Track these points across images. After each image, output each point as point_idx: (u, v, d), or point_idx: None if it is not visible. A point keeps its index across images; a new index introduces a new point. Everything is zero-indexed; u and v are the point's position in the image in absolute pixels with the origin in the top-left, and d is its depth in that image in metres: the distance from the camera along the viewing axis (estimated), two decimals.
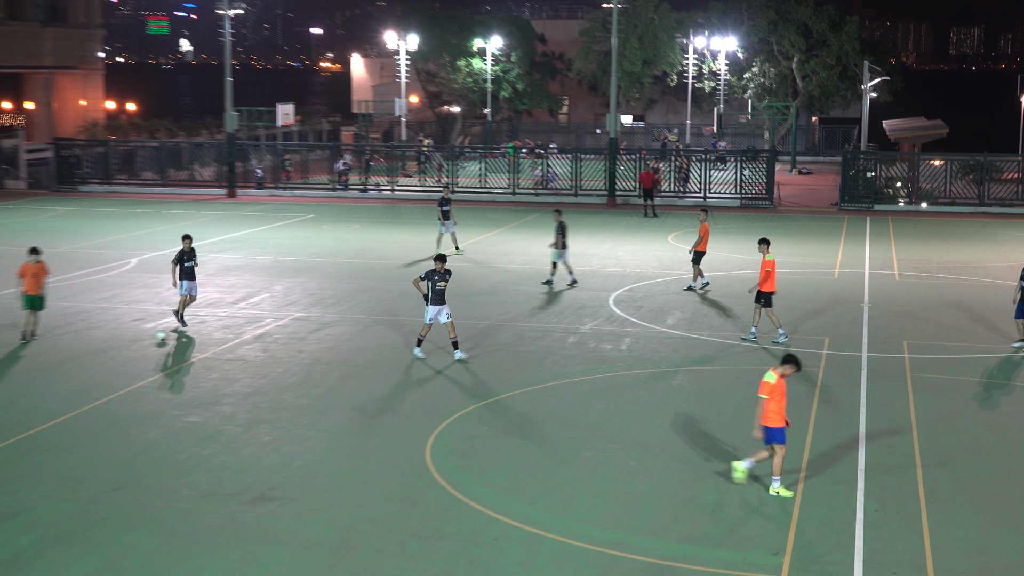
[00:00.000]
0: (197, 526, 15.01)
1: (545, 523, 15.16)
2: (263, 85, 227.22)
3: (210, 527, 14.98)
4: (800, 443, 18.44)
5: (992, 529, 15.04)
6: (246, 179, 59.39)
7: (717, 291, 31.59)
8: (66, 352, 24.27)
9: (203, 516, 15.32)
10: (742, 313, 28.66)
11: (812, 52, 77.91)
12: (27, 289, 25.12)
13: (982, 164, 52.98)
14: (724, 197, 55.56)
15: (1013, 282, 33.19)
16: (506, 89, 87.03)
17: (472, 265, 35.96)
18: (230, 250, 38.77)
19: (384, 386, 21.92)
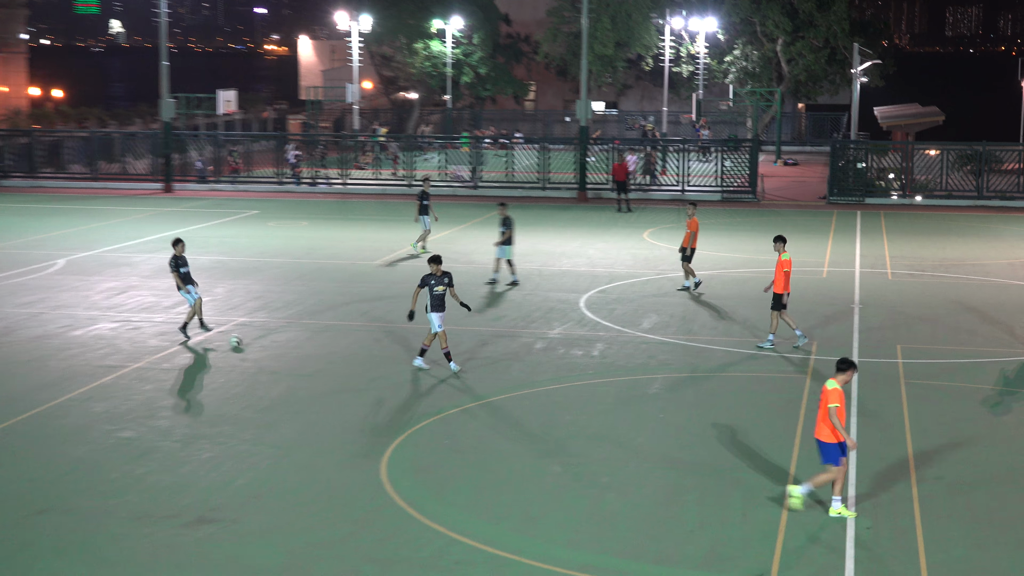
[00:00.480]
0: (131, 551, 14.91)
1: (511, 544, 15.16)
2: (202, 70, 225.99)
3: (145, 552, 14.89)
4: (786, 456, 18.53)
5: (992, 547, 15.15)
6: (184, 172, 59.10)
7: (696, 291, 31.67)
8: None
9: (137, 540, 15.22)
10: (723, 316, 28.77)
11: (798, 33, 78.27)
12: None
13: (980, 154, 53.43)
14: (704, 190, 55.76)
15: (1014, 281, 33.50)
16: (467, 74, 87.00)
17: None
18: (167, 250, 38.55)
19: (335, 397, 21.86)
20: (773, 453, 18.69)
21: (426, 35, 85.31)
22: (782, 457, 18.44)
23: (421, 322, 25.21)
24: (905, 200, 53.05)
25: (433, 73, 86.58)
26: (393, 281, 33.15)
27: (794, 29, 77.83)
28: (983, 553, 14.97)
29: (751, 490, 17.05)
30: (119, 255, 37.37)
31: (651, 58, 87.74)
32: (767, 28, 78.52)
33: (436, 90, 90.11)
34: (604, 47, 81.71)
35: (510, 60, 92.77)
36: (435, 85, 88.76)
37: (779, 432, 19.74)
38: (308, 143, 62.62)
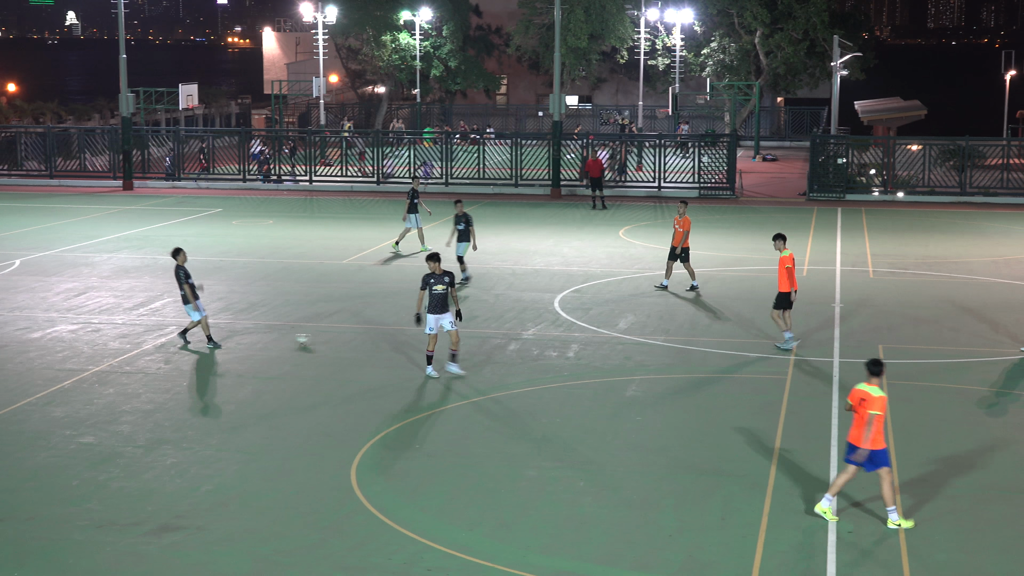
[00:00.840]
0: (93, 560, 14.92)
1: (485, 551, 15.23)
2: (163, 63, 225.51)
3: (108, 561, 14.89)
4: (766, 458, 18.66)
5: (976, 551, 15.31)
6: (145, 169, 58.91)
7: (674, 290, 31.82)
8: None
9: (100, 548, 15.23)
10: (702, 316, 28.91)
11: (776, 25, 78.58)
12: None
13: (963, 149, 53.78)
14: (681, 187, 55.94)
15: (998, 279, 33.77)
16: (437, 67, 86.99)
17: (400, 263, 35.97)
18: (127, 249, 38.50)
19: (303, 401, 21.88)
20: (752, 456, 18.82)
21: (394, 27, 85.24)
22: (761, 460, 18.57)
23: None
24: (886, 196, 53.35)
25: (401, 66, 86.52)
26: (362, 281, 33.17)
27: (772, 21, 78.12)
28: (966, 557, 15.12)
29: (730, 494, 17.18)
30: (78, 255, 37.26)
31: (626, 51, 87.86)
32: (745, 20, 78.79)
33: (405, 84, 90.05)
34: (578, 39, 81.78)
35: (481, 53, 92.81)
36: (404, 79, 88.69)
37: (759, 434, 19.88)
38: (273, 139, 62.44)
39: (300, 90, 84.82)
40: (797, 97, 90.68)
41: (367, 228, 43.72)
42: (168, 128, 68.79)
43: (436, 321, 22.72)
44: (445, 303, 22.70)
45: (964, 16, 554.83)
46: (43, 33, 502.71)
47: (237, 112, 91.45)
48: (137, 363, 24.31)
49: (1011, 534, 15.83)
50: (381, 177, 57.77)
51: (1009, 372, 24.02)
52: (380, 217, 47.31)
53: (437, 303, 22.65)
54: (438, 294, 22.61)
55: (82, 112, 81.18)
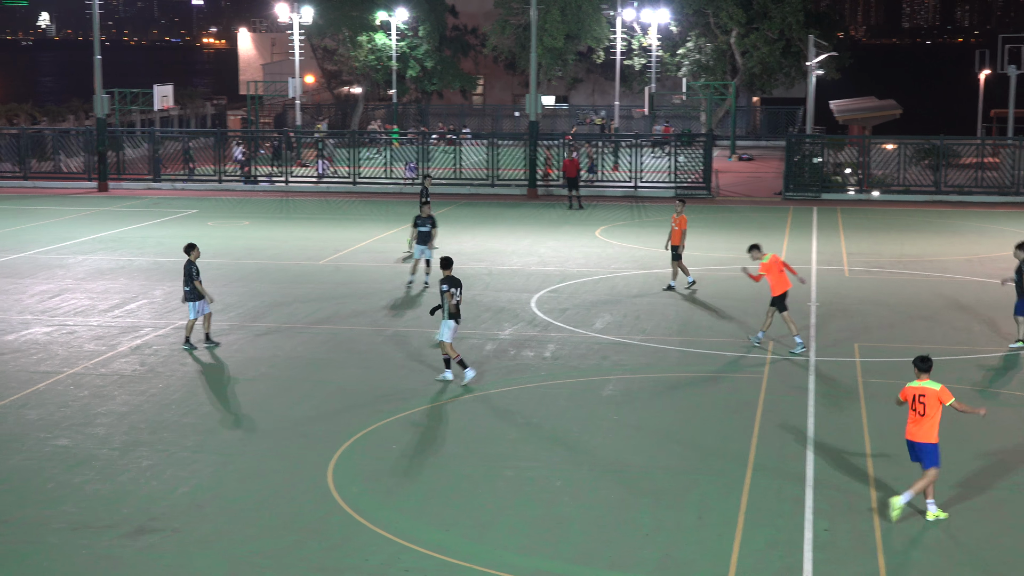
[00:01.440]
0: (69, 563, 14.86)
1: (462, 551, 15.23)
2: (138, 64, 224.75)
3: (84, 563, 14.84)
4: (742, 457, 18.71)
5: (951, 550, 15.38)
6: (120, 170, 58.71)
7: (651, 290, 31.87)
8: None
9: (75, 551, 15.17)
10: (677, 315, 28.97)
11: (752, 25, 78.78)
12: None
13: (938, 148, 54.02)
14: (657, 186, 56.03)
15: (972, 277, 33.94)
16: (413, 67, 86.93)
17: (378, 265, 35.94)
18: (102, 251, 38.36)
19: (279, 402, 21.85)
20: (729, 455, 18.87)
21: (370, 28, 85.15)
22: (738, 459, 18.62)
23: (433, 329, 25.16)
24: (862, 195, 53.54)
25: (378, 67, 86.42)
26: (338, 282, 33.13)
27: (748, 21, 78.32)
28: (942, 556, 15.19)
29: (706, 493, 17.21)
30: (52, 257, 37.10)
31: (602, 51, 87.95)
32: (720, 20, 78.97)
33: (381, 84, 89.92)
34: (554, 40, 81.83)
35: (457, 53, 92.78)
36: (380, 79, 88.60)
37: (735, 434, 19.93)
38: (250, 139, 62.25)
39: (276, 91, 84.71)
40: (773, 97, 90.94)
41: (343, 229, 43.67)
42: (143, 129, 68.53)
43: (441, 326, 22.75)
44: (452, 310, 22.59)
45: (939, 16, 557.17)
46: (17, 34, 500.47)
47: (213, 113, 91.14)
48: (112, 365, 24.23)
49: (986, 531, 15.89)
50: (318, 178, 57.95)
51: (985, 370, 24.13)
52: (356, 218, 47.25)
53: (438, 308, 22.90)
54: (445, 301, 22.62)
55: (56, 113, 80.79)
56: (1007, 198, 52.71)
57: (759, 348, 25.56)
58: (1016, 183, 53.25)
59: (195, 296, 25.17)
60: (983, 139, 61.25)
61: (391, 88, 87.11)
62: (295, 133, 67.79)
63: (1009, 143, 56.05)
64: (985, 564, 14.92)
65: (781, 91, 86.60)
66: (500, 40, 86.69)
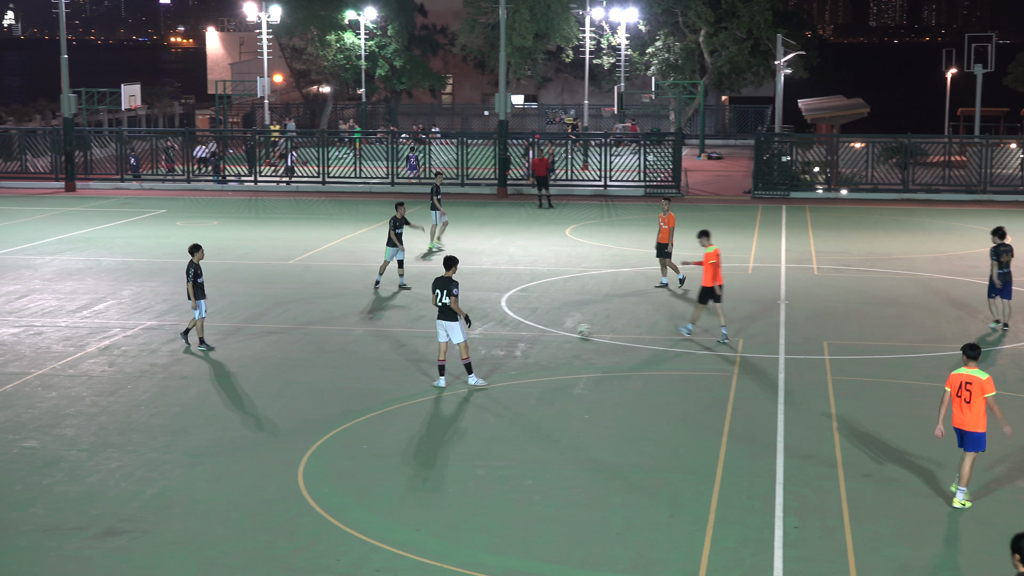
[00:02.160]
0: (38, 565, 14.79)
1: (433, 551, 15.22)
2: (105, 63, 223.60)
3: (53, 566, 14.77)
4: (713, 455, 18.77)
5: (921, 545, 15.47)
6: (87, 170, 58.42)
7: (621, 289, 31.92)
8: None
9: (45, 554, 15.10)
10: (647, 313, 29.02)
11: (721, 24, 78.96)
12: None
13: (906, 147, 54.29)
14: (627, 185, 56.11)
15: (940, 275, 34.13)
16: (382, 67, 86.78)
17: (348, 264, 35.88)
18: (70, 251, 38.16)
19: (249, 403, 21.79)
20: (700, 452, 18.93)
21: (338, 27, 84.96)
22: (708, 457, 18.68)
23: None
24: (830, 194, 53.77)
25: (346, 66, 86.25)
26: (308, 282, 33.06)
27: (716, 20, 78.49)
28: (912, 551, 15.28)
29: (677, 491, 17.26)
30: (19, 257, 36.88)
31: (571, 50, 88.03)
32: (689, 19, 79.13)
33: (350, 84, 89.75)
34: (523, 39, 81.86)
35: (426, 52, 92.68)
36: (349, 78, 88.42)
37: (706, 431, 19.99)
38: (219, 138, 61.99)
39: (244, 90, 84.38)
40: (741, 96, 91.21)
41: (313, 228, 43.56)
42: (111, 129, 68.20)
43: (442, 329, 22.27)
44: (447, 311, 22.11)
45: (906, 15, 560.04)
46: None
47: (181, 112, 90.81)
48: (81, 366, 24.11)
49: (955, 528, 16.00)
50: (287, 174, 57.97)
51: (952, 367, 24.23)
52: (326, 217, 47.16)
53: (441, 311, 22.24)
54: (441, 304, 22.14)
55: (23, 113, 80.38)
56: (974, 196, 53.02)
57: (728, 346, 25.63)
58: (983, 181, 53.59)
59: (201, 294, 25.08)
60: (950, 137, 61.56)
61: (360, 87, 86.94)
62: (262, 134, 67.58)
63: (976, 141, 56.39)
64: (952, 556, 15.01)
65: (750, 90, 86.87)
66: (469, 39, 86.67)
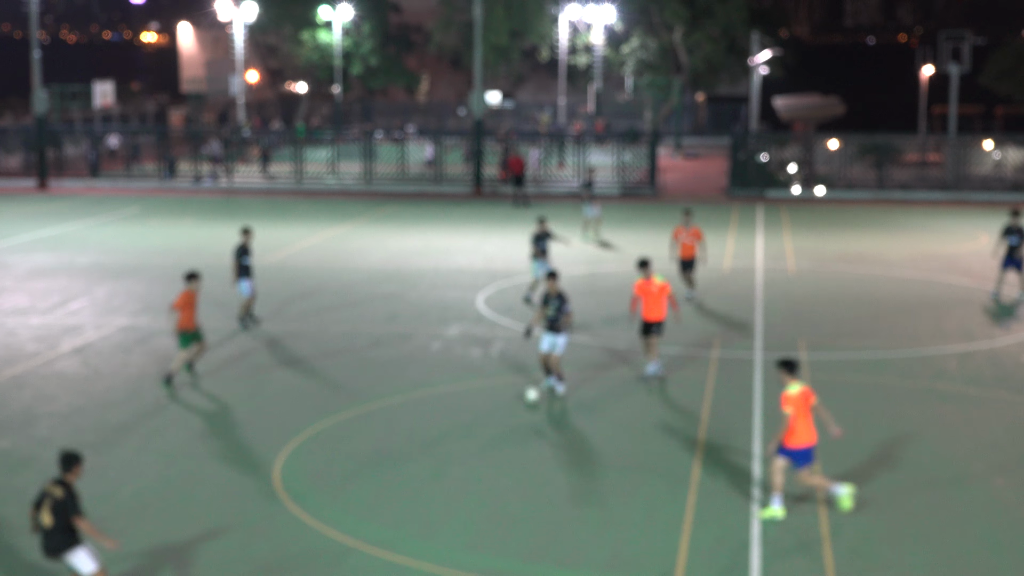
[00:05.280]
0: (10, 566, 14.72)
1: (411, 550, 15.23)
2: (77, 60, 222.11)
3: (26, 567, 14.71)
4: (688, 454, 18.82)
5: (897, 542, 15.54)
6: (60, 168, 58.21)
7: (597, 288, 31.95)
8: None
9: (17, 555, 15.04)
10: (623, 312, 29.03)
11: (696, 23, 79.14)
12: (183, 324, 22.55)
13: (881, 145, 54.51)
14: (603, 185, 56.14)
15: (916, 274, 34.30)
16: (357, 65, 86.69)
17: (323, 263, 35.83)
18: (43, 250, 38.00)
19: (225, 401, 21.74)
20: (676, 452, 18.98)
21: (313, 25, 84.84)
22: (685, 457, 18.73)
23: None
24: (806, 193, 53.94)
25: (321, 64, 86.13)
26: (283, 281, 32.99)
27: (692, 19, 78.68)
28: (889, 549, 15.35)
29: (654, 490, 17.31)
30: None
31: (547, 49, 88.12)
32: (665, 18, 79.28)
33: (325, 82, 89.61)
34: (498, 37, 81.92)
35: (401, 51, 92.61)
36: (323, 77, 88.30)
37: (682, 430, 20.04)
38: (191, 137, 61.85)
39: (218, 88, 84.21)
40: (717, 94, 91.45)
41: (288, 227, 43.49)
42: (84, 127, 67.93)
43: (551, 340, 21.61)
44: (555, 324, 21.48)
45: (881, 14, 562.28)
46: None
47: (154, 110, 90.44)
48: (54, 366, 24.01)
49: (932, 525, 16.09)
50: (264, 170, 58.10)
51: (927, 366, 24.37)
52: (300, 216, 47.08)
53: (549, 325, 21.59)
54: (549, 318, 21.50)
55: None
56: (949, 195, 53.27)
57: (705, 347, 25.69)
58: (958, 180, 53.84)
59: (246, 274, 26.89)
60: (925, 136, 61.85)
61: (335, 86, 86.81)
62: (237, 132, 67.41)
63: (951, 140, 56.67)
64: (933, 552, 15.09)
65: (725, 89, 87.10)
66: (444, 37, 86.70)
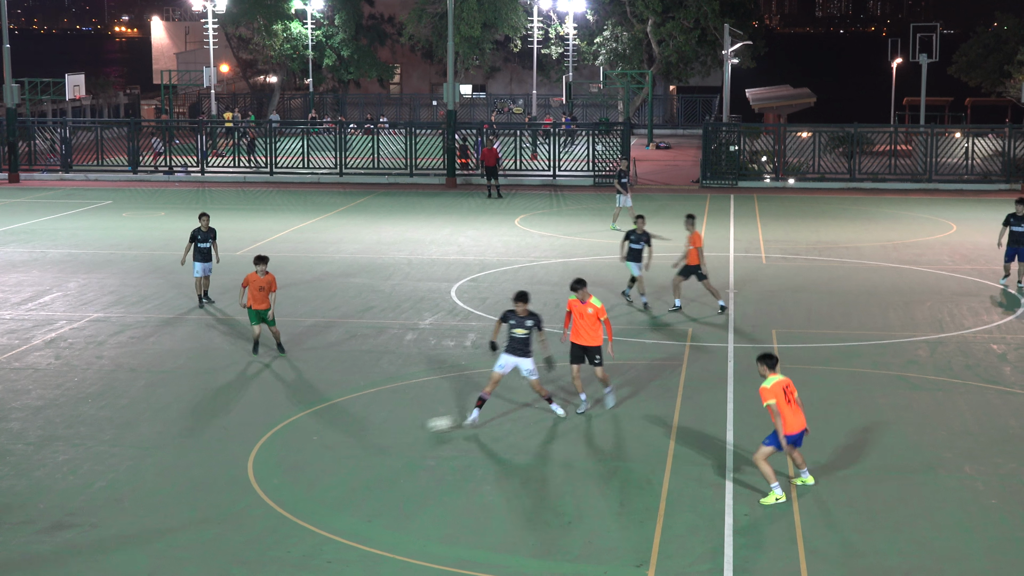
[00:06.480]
0: None
1: (385, 542, 15.20)
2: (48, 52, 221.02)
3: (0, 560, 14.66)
4: (663, 443, 18.85)
5: (869, 531, 15.60)
6: (31, 161, 57.91)
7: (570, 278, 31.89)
8: None
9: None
10: None
11: (668, 14, 79.25)
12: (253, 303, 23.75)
13: (852, 136, 54.71)
14: (575, 175, 56.20)
15: (887, 263, 34.44)
16: (330, 56, 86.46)
17: (296, 255, 35.73)
18: (14, 243, 37.79)
19: (198, 394, 21.66)
20: (650, 441, 19.00)
21: (285, 16, 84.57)
22: (658, 446, 18.75)
23: None
24: (778, 183, 54.09)
25: (293, 56, 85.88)
26: None
27: (664, 10, 78.75)
28: (861, 537, 15.40)
29: (628, 479, 17.33)
30: None
31: (520, 40, 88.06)
32: (637, 9, 79.33)
33: (297, 73, 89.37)
34: (471, 28, 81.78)
35: (374, 42, 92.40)
36: (296, 68, 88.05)
37: (656, 419, 20.07)
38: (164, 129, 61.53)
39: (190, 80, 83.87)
40: (689, 85, 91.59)
41: (260, 219, 43.37)
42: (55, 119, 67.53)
43: (509, 362, 19.93)
44: (527, 346, 20.02)
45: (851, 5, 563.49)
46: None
47: (126, 103, 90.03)
48: (26, 359, 23.88)
49: (903, 513, 16.15)
50: None
51: (898, 354, 24.47)
52: (273, 208, 46.96)
53: (517, 345, 19.97)
54: (519, 338, 19.92)
55: None
56: (920, 185, 53.51)
57: (678, 335, 25.74)
58: (929, 170, 54.08)
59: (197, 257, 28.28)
60: (896, 127, 62.11)
61: (307, 77, 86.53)
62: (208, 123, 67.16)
63: (921, 131, 56.91)
64: (904, 539, 15.15)
65: (697, 80, 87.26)
66: (417, 29, 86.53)
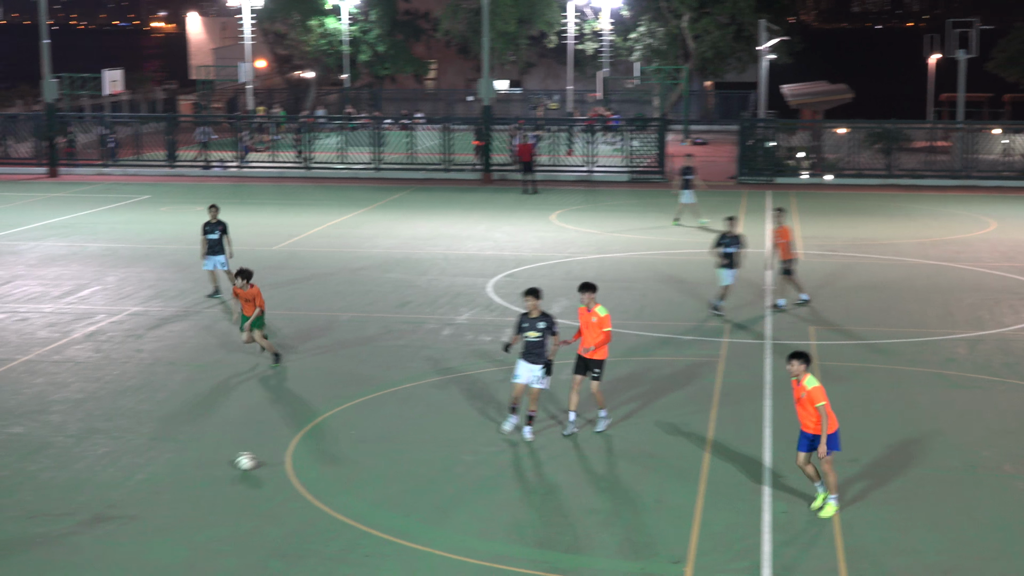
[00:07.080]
0: (25, 552, 14.75)
1: (422, 536, 15.23)
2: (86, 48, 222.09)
3: (41, 552, 14.73)
4: (700, 441, 18.81)
5: (907, 529, 15.53)
6: (71, 156, 58.26)
7: (607, 275, 31.89)
8: None
9: (32, 540, 15.06)
10: (634, 299, 29.02)
11: (703, 10, 78.91)
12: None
13: (890, 132, 54.40)
14: (611, 170, 56.13)
15: (925, 260, 34.24)
16: (365, 52, 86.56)
17: (333, 250, 35.83)
18: (54, 237, 38.03)
19: (236, 388, 21.76)
20: (686, 438, 18.97)
21: (321, 12, 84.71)
22: (695, 443, 18.72)
23: None
24: (815, 179, 53.84)
25: (329, 51, 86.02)
26: (294, 267, 33.01)
27: (699, 5, 78.43)
28: (899, 535, 15.33)
29: (664, 476, 17.30)
30: (3, 243, 36.73)
31: (555, 35, 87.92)
32: (672, 4, 79.05)
33: (333, 69, 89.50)
34: (506, 24, 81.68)
35: (409, 37, 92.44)
36: (331, 64, 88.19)
37: (692, 417, 20.02)
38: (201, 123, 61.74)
39: (227, 75, 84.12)
40: (725, 81, 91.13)
41: (297, 214, 43.49)
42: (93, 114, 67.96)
43: (527, 371, 18.86)
44: (541, 351, 18.90)
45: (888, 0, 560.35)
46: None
47: (163, 98, 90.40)
48: (66, 352, 24.04)
49: (942, 511, 16.07)
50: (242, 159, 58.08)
51: (937, 352, 24.34)
52: (310, 203, 47.08)
53: (531, 350, 18.85)
54: (532, 341, 18.80)
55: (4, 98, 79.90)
56: (958, 181, 53.15)
57: (715, 332, 25.67)
58: (966, 167, 53.73)
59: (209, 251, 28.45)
60: (934, 123, 61.74)
61: (343, 73, 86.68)
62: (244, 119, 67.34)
63: (959, 127, 56.54)
64: (943, 537, 15.07)
65: (733, 75, 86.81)
66: (452, 24, 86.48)
